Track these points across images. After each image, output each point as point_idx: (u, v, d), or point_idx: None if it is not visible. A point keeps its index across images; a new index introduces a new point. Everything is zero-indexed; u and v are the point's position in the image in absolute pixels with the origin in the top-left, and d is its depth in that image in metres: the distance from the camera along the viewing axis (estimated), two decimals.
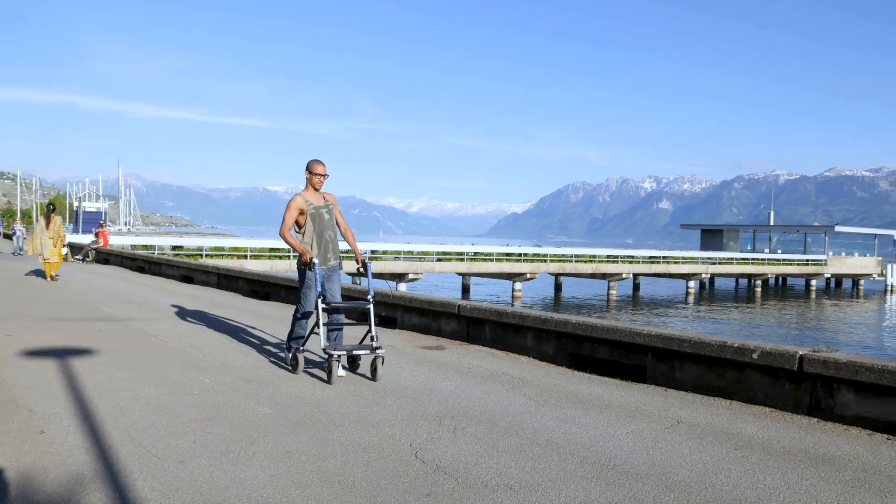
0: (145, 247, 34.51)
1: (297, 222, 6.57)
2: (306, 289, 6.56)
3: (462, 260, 40.25)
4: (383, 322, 10.14)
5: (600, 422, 5.06)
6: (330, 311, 6.57)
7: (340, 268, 6.81)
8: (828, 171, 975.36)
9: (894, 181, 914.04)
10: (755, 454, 4.40)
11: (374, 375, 6.19)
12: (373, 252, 38.85)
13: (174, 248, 35.56)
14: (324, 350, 6.09)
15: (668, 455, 4.34)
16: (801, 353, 5.40)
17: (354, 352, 6.19)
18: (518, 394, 5.88)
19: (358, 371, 6.50)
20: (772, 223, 72.36)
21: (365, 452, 4.24)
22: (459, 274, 41.09)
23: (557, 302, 41.61)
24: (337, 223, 6.74)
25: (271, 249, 35.82)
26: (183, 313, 10.84)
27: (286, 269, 33.00)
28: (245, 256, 34.21)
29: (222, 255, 34.24)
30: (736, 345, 5.79)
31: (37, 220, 17.41)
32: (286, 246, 36.22)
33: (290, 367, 6.55)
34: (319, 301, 6.29)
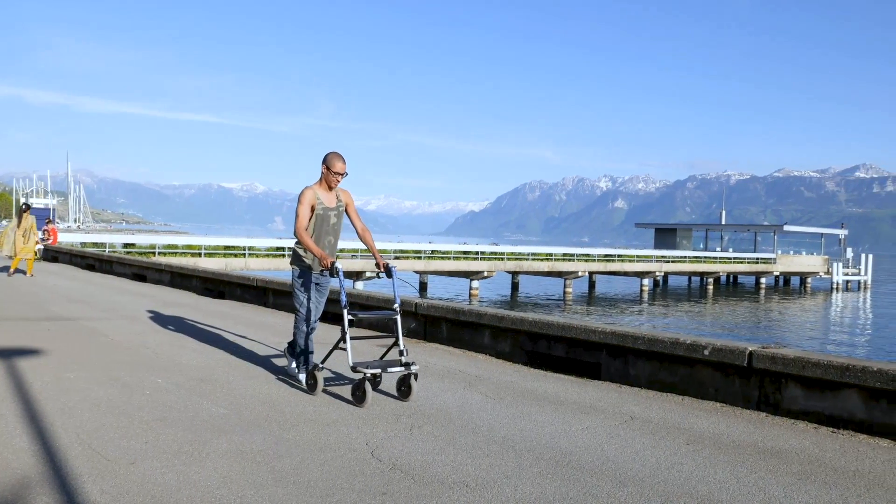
0: (96, 244, 33.74)
1: None
2: (300, 289, 5.94)
3: (419, 258, 40.23)
4: (339, 321, 10.07)
5: (556, 418, 5.11)
6: (352, 322, 5.69)
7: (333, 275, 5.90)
8: (777, 171, 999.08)
9: (840, 182, 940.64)
10: (706, 448, 4.49)
11: (405, 395, 5.45)
12: None
13: (126, 245, 34.86)
14: (352, 369, 5.29)
15: (621, 450, 4.40)
16: (750, 349, 5.53)
17: (389, 369, 5.35)
18: (475, 391, 5.90)
19: (379, 389, 5.75)
20: (723, 222, 73.79)
21: (321, 452, 4.22)
22: (417, 272, 41.07)
23: (514, 300, 41.84)
24: (353, 224, 6.11)
25: (226, 247, 35.35)
26: (135, 312, 10.63)
27: (241, 267, 32.62)
28: (199, 254, 33.67)
29: (176, 253, 33.66)
30: (688, 342, 5.90)
31: None
32: (241, 243, 35.78)
33: (305, 388, 5.74)
34: (346, 312, 5.54)
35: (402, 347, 5.55)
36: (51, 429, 4.50)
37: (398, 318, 5.73)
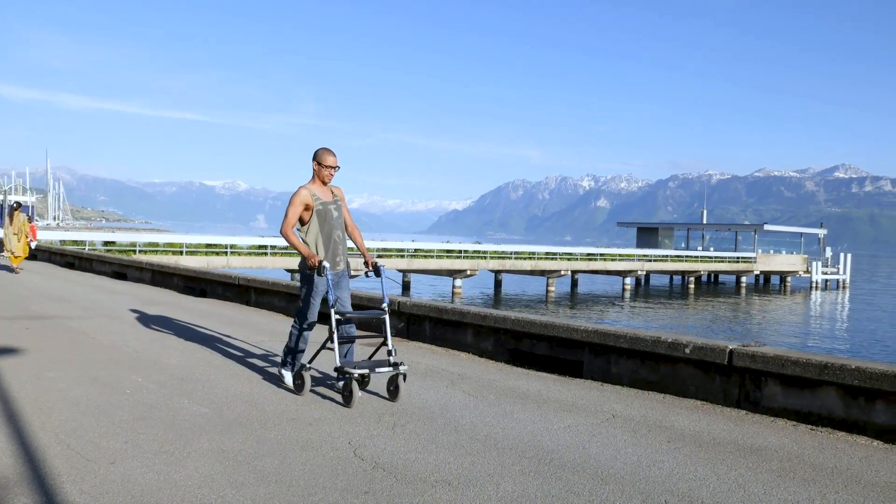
0: (75, 242, 33.40)
1: (300, 219, 5.69)
2: (311, 297, 5.71)
3: (402, 256, 40.17)
4: (320, 319, 10.05)
5: (538, 417, 5.13)
6: (340, 322, 5.62)
7: (349, 273, 5.94)
8: (757, 171, 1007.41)
9: (820, 182, 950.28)
10: (687, 446, 4.52)
11: (394, 396, 5.40)
12: None
13: (106, 243, 34.52)
14: (337, 369, 5.26)
15: (603, 448, 4.42)
16: (731, 347, 5.57)
17: (377, 369, 5.29)
18: (457, 390, 5.91)
19: (368, 389, 5.68)
20: (704, 222, 74.31)
21: (303, 451, 4.20)
22: (400, 270, 41.01)
23: (497, 298, 41.91)
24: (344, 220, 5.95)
25: (207, 245, 35.12)
26: (115, 311, 10.54)
27: (223, 265, 32.42)
28: (181, 252, 33.44)
29: (157, 251, 33.39)
30: (669, 340, 5.94)
31: None
32: (223, 241, 35.57)
33: (292, 389, 5.65)
34: (333, 311, 5.43)
35: (390, 347, 5.49)
36: (29, 428, 4.45)
37: (387, 317, 5.66)
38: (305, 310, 5.75)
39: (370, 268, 5.76)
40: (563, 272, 45.61)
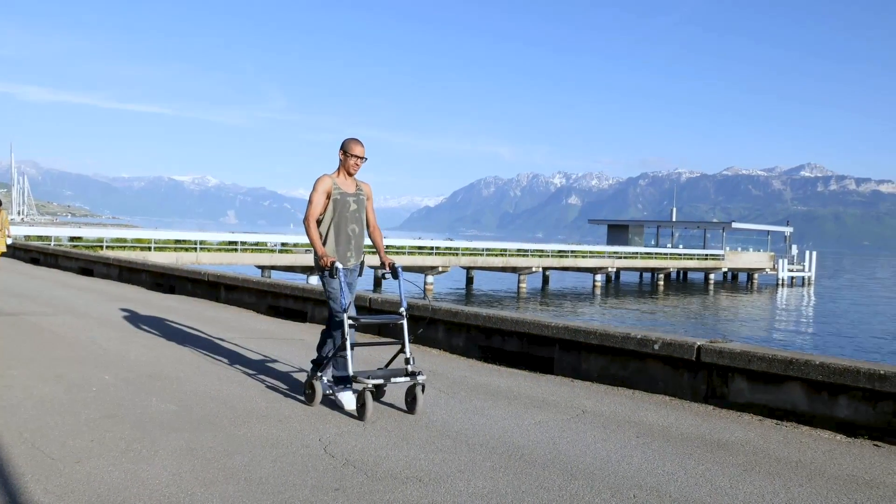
0: (40, 237, 32.82)
1: None
2: (338, 287, 5.23)
3: (374, 253, 40.04)
4: (292, 316, 10.00)
5: (509, 413, 5.15)
6: (353, 327, 5.13)
7: (360, 273, 5.60)
8: (726, 170, 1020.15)
9: (786, 181, 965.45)
10: (656, 441, 4.58)
11: (411, 408, 5.00)
12: (283, 245, 38.20)
13: (72, 239, 33.98)
14: (353, 379, 4.84)
15: (573, 444, 4.45)
16: (699, 343, 5.64)
17: (393, 379, 4.92)
18: (429, 386, 5.90)
19: (383, 400, 5.31)
20: (674, 219, 75.11)
21: (273, 448, 4.18)
22: (371, 267, 40.92)
23: (469, 295, 41.99)
24: (367, 219, 5.58)
25: (177, 241, 34.71)
26: (82, 307, 10.38)
27: (192, 261, 32.07)
28: (149, 248, 33.00)
29: (124, 247, 32.94)
30: (639, 336, 6.00)
31: None
32: (192, 237, 35.17)
33: (304, 399, 5.24)
34: (346, 316, 5.01)
35: (408, 355, 5.10)
36: None
37: (405, 322, 5.20)
38: (335, 303, 5.27)
39: (387, 269, 5.39)
40: (534, 269, 45.83)
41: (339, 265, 5.09)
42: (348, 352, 4.96)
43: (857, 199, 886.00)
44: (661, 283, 55.10)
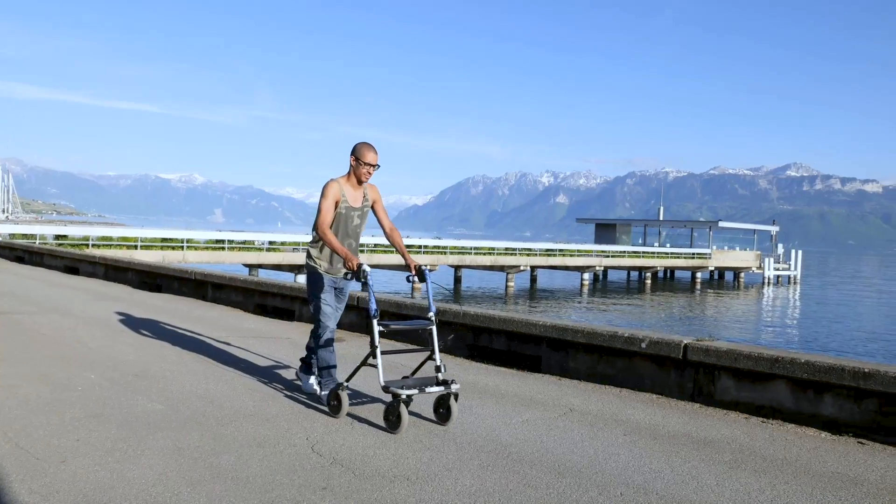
0: (25, 235, 32.56)
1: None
2: (323, 293, 5.19)
3: (362, 251, 40.03)
4: (279, 314, 9.97)
5: (496, 411, 5.16)
6: (383, 334, 4.84)
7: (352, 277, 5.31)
8: (713, 169, 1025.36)
9: (773, 180, 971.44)
10: (643, 439, 4.59)
11: (444, 418, 4.75)
12: (271, 243, 38.09)
13: (58, 237, 33.72)
14: (385, 389, 4.56)
15: (560, 442, 4.46)
16: (685, 342, 5.67)
17: (427, 389, 4.62)
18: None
19: (410, 410, 4.92)
20: (661, 218, 75.45)
21: (260, 447, 4.17)
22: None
23: (457, 293, 42.00)
24: (381, 223, 5.40)
25: (163, 240, 34.54)
26: (67, 306, 10.31)
27: (179, 259, 31.92)
28: (135, 247, 32.83)
29: (110, 245, 32.74)
30: (626, 335, 6.02)
31: None
32: (179, 235, 35.00)
33: (328, 411, 4.95)
34: (375, 322, 4.72)
35: (438, 363, 4.81)
36: None
37: (434, 328, 4.92)
38: (318, 311, 5.21)
39: (413, 271, 5.10)
40: (522, 267, 45.92)
41: (367, 268, 4.79)
42: (379, 359, 4.63)
43: (843, 199, 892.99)
44: (649, 281, 55.34)
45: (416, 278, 5.08)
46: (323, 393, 5.21)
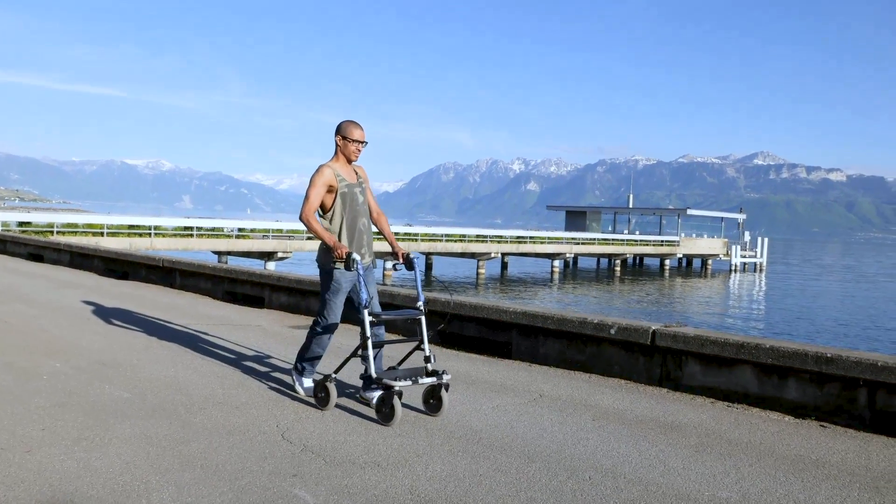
0: None
1: (322, 203, 4.90)
2: (331, 294, 4.94)
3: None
4: (249, 302, 9.90)
5: (467, 398, 5.18)
6: (374, 324, 4.78)
7: (375, 265, 5.27)
8: (682, 157, 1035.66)
9: (740, 168, 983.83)
10: (611, 424, 4.65)
11: (435, 410, 4.67)
12: (240, 230, 37.74)
13: (21, 224, 33.06)
14: (375, 381, 4.48)
15: (530, 428, 4.50)
16: (653, 328, 5.74)
17: (420, 380, 4.52)
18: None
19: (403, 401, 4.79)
20: (631, 206, 76.12)
21: (230, 435, 4.15)
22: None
23: (427, 281, 42.03)
24: (368, 206, 5.13)
25: (130, 226, 34.03)
26: (31, 294, 10.13)
27: (147, 247, 31.49)
28: (101, 234, 32.31)
29: (76, 232, 32.17)
30: (595, 321, 6.07)
31: None
32: (147, 222, 34.52)
33: (313, 402, 4.83)
34: (366, 313, 4.62)
35: (427, 353, 4.71)
36: None
37: (423, 318, 4.81)
38: (324, 310, 4.97)
39: (401, 259, 4.98)
40: (493, 255, 46.07)
41: (356, 256, 4.64)
42: (370, 351, 4.53)
43: (808, 187, 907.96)
44: (618, 268, 55.85)
45: (403, 266, 4.96)
46: (302, 378, 5.12)
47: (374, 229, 5.22)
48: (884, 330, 28.75)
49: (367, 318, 4.61)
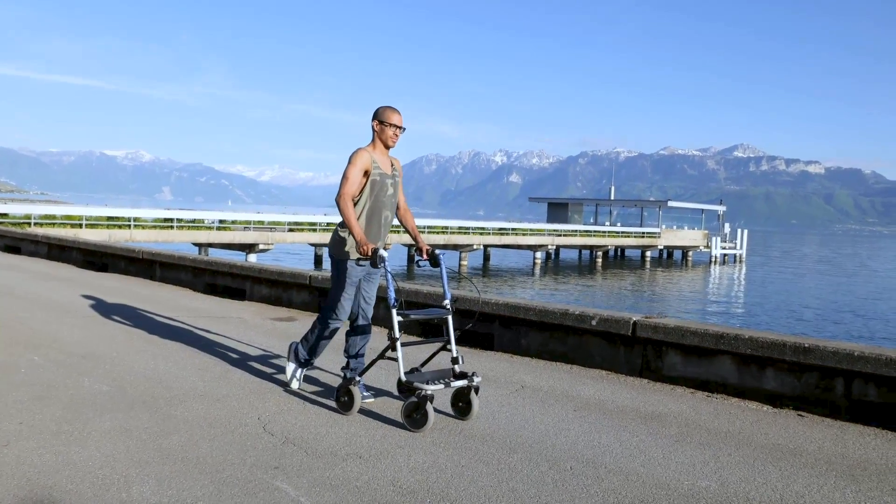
0: None
1: None
2: (343, 286, 4.75)
3: (315, 230, 39.66)
4: (230, 294, 9.85)
5: (449, 389, 5.17)
6: (401, 325, 4.52)
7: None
8: (663, 149, 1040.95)
9: (720, 160, 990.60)
10: (592, 414, 4.68)
11: (465, 413, 4.45)
12: (221, 222, 37.49)
13: None
14: (406, 385, 4.29)
15: (512, 418, 4.52)
16: (634, 319, 5.77)
17: (452, 383, 4.33)
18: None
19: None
20: (612, 198, 76.47)
21: (211, 427, 4.13)
22: (312, 245, 40.55)
23: (410, 272, 42.00)
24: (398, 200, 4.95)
25: (109, 218, 33.69)
26: (8, 286, 10.01)
27: (126, 238, 31.20)
28: (80, 225, 31.96)
29: (54, 224, 31.82)
30: (577, 312, 6.10)
31: None
32: (126, 214, 34.16)
33: (338, 408, 4.54)
34: (395, 312, 4.43)
35: (455, 353, 4.51)
36: None
37: (450, 317, 4.58)
38: (335, 304, 4.78)
39: (424, 255, 4.78)
40: (475, 246, 46.10)
41: (384, 252, 4.46)
42: (400, 352, 4.37)
43: (787, 179, 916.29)
44: (600, 260, 56.10)
45: (426, 262, 4.76)
46: (298, 370, 5.02)
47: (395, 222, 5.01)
48: (864, 319, 29.11)
49: (396, 318, 4.41)
